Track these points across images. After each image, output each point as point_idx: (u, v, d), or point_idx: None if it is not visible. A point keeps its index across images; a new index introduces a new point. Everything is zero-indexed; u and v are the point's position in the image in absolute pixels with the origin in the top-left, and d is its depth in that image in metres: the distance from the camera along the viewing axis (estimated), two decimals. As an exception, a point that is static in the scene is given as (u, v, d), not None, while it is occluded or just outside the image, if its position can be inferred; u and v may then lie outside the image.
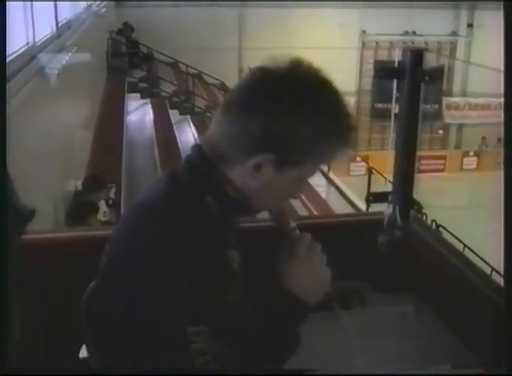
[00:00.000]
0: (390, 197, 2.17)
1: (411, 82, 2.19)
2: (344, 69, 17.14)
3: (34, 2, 6.14)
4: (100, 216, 6.56)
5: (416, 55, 2.19)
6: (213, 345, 1.31)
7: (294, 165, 1.38)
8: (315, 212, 11.22)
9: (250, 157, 1.35)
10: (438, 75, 2.16)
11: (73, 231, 2.99)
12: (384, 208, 2.23)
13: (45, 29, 7.27)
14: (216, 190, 1.40)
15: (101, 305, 1.43)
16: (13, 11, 5.57)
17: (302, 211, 11.07)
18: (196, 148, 1.45)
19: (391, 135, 19.69)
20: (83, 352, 1.54)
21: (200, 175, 1.40)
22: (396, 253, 2.16)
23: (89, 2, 13.03)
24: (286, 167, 1.37)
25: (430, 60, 17.75)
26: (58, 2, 8.12)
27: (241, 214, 1.50)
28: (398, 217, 2.12)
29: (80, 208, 6.18)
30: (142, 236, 1.34)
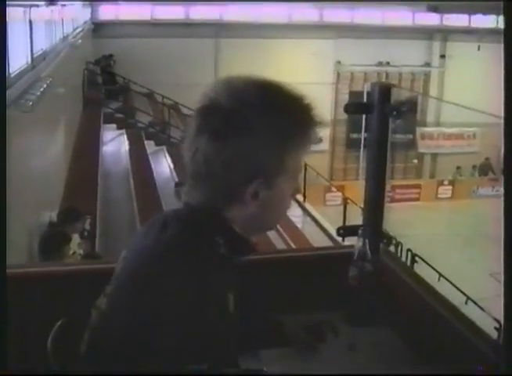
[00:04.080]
0: (360, 231, 2.19)
1: (380, 117, 2.22)
2: (319, 99, 17.21)
3: (8, 34, 6.13)
4: (74, 248, 6.50)
5: (384, 90, 2.22)
6: None
7: (282, 173, 1.42)
8: (291, 243, 11.22)
9: (243, 189, 1.39)
10: (408, 109, 2.19)
11: (47, 266, 2.97)
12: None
13: (19, 60, 7.26)
14: (223, 230, 1.43)
15: (100, 342, 1.41)
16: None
17: (278, 242, 11.07)
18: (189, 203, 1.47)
19: (360, 166, 19.85)
20: None
21: (206, 217, 1.43)
22: (367, 286, 2.17)
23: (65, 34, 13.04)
24: (276, 179, 1.42)
25: (405, 91, 17.95)
26: (33, 34, 8.12)
27: (247, 252, 1.52)
28: (368, 250, 2.14)
29: (52, 240, 6.13)
30: (155, 277, 1.33)
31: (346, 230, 2.39)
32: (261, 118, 1.38)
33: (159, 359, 1.29)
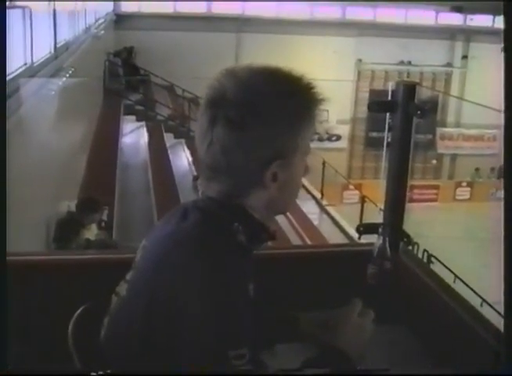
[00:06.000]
0: (380, 229, 2.18)
1: (403, 116, 2.21)
2: (339, 96, 17.23)
3: (33, 25, 6.17)
4: (91, 237, 6.54)
5: (409, 89, 2.21)
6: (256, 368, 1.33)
7: (296, 153, 1.44)
8: (307, 240, 11.21)
9: (263, 172, 1.40)
10: (430, 109, 2.18)
11: (60, 254, 2.99)
12: (375, 239, 2.24)
13: (43, 50, 7.30)
14: (242, 217, 1.44)
15: (124, 330, 1.44)
16: (13, 31, 5.59)
17: (294, 238, 11.07)
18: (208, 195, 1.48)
19: (382, 165, 19.77)
20: None
21: (224, 205, 1.44)
22: (385, 284, 2.17)
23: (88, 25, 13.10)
24: (292, 159, 1.44)
25: (426, 91, 17.87)
26: (57, 25, 8.16)
27: (266, 239, 1.53)
28: (388, 249, 2.13)
29: (65, 227, 6.17)
30: (176, 264, 1.36)
31: (366, 228, 2.39)
32: (274, 102, 1.39)
33: (176, 346, 1.31)
